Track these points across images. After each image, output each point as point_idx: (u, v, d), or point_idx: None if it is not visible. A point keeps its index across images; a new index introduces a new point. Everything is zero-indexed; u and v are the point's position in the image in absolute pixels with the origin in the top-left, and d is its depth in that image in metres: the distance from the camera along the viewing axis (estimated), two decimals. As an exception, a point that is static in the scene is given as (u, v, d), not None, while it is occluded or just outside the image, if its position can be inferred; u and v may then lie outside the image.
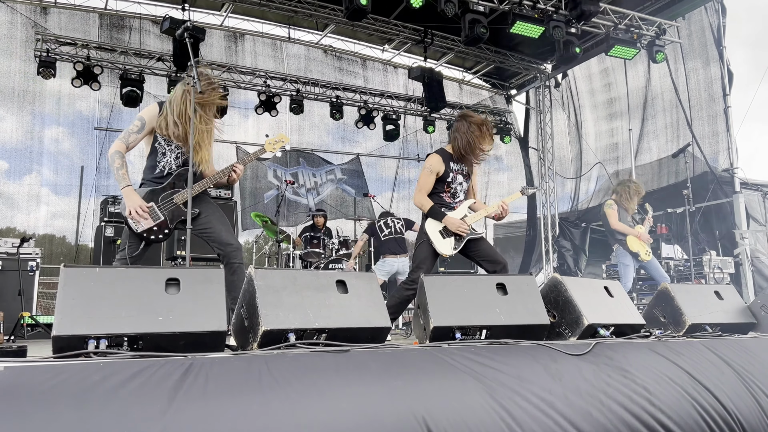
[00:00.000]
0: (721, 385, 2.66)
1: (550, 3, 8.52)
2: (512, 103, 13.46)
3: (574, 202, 12.44)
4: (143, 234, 3.70)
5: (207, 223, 3.88)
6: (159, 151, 3.82)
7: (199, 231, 3.86)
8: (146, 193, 3.76)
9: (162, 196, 3.79)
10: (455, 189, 4.40)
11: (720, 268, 8.32)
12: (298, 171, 11.34)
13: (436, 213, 4.26)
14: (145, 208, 3.67)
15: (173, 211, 3.78)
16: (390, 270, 7.41)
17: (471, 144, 4.27)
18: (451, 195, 4.39)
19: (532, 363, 2.36)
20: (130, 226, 3.69)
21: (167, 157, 3.83)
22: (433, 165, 4.32)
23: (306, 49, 11.55)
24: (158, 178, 3.83)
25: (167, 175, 3.84)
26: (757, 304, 4.26)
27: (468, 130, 4.28)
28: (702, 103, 9.81)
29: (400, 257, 7.43)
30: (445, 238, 4.26)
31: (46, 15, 9.46)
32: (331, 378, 2.00)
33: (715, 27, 9.52)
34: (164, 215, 3.76)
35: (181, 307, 2.34)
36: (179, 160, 3.87)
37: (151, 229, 3.72)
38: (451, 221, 4.23)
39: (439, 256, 4.31)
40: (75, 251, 9.36)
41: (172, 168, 3.85)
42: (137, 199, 3.67)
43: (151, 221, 3.71)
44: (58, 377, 1.77)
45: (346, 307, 2.66)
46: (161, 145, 3.81)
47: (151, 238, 3.73)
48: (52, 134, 9.65)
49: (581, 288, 3.37)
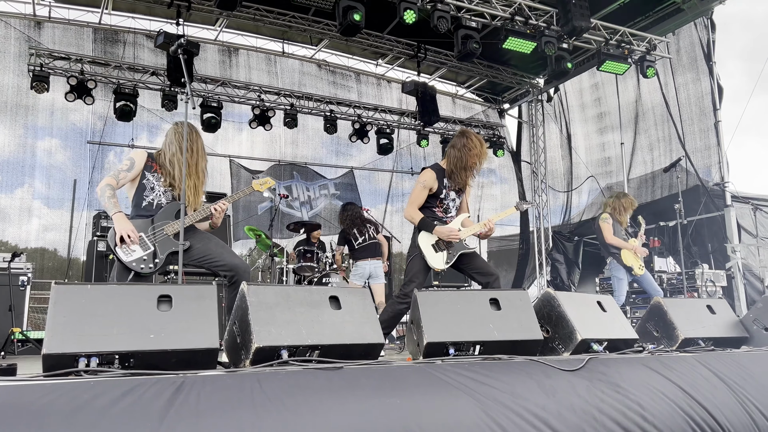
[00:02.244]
0: (714, 400, 2.66)
1: (542, 19, 8.60)
2: (505, 117, 13.55)
3: (566, 216, 12.49)
4: (132, 263, 3.63)
5: (205, 251, 3.84)
6: (147, 186, 3.81)
7: (197, 260, 3.81)
8: (136, 223, 3.71)
9: (152, 227, 3.75)
10: (447, 205, 4.42)
11: (712, 282, 8.35)
12: (292, 184, 11.34)
13: (426, 224, 4.27)
14: (136, 234, 3.63)
15: (163, 242, 3.74)
16: (364, 273, 7.49)
17: (465, 160, 4.29)
18: (443, 210, 4.41)
19: (526, 379, 2.36)
20: (118, 257, 3.62)
21: (155, 191, 3.83)
22: (427, 181, 4.33)
23: (300, 64, 11.59)
24: (147, 210, 3.80)
25: (156, 208, 3.82)
26: (750, 318, 4.28)
27: (464, 146, 4.29)
28: (693, 117, 9.90)
29: (373, 260, 7.51)
30: (437, 252, 4.27)
31: (40, 29, 9.47)
32: (324, 396, 1.99)
33: (704, 42, 9.63)
34: (154, 246, 3.72)
35: (173, 324, 2.33)
36: (168, 194, 3.86)
37: (141, 259, 3.66)
38: (441, 230, 4.24)
39: (431, 269, 4.32)
40: (67, 265, 9.30)
41: (161, 201, 3.83)
42: (128, 224, 3.63)
43: (141, 251, 3.67)
44: (47, 396, 1.75)
45: (339, 323, 2.66)
46: (149, 181, 3.81)
47: (141, 268, 3.65)
48: (45, 146, 9.62)
49: (574, 303, 3.38)
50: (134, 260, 3.64)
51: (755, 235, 9.09)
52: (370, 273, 7.52)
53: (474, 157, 4.29)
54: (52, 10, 9.53)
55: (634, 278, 6.47)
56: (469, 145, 4.28)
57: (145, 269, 3.67)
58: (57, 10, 9.56)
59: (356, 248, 7.60)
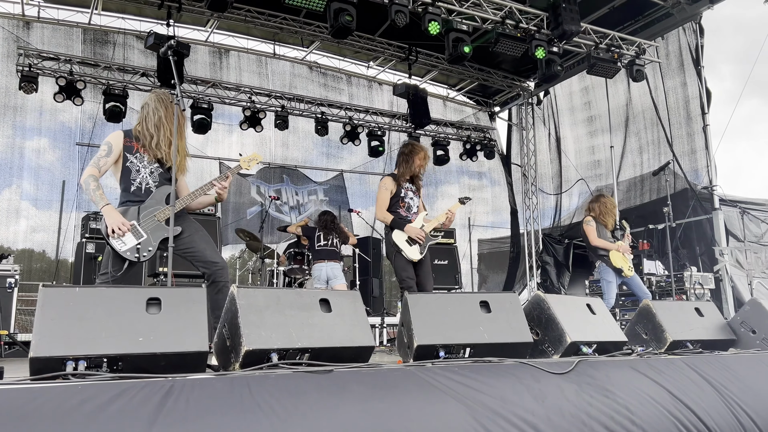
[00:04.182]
0: (701, 403, 2.68)
1: (532, 23, 8.64)
2: (495, 120, 13.59)
3: (556, 218, 12.55)
4: (126, 253, 3.62)
5: (190, 242, 3.82)
6: (132, 169, 3.77)
7: (182, 251, 3.81)
8: (126, 211, 3.69)
9: (143, 214, 3.72)
10: (408, 203, 5.08)
11: (701, 284, 8.41)
12: (281, 188, 11.32)
13: (398, 223, 4.91)
14: (128, 224, 3.61)
15: (155, 228, 3.72)
16: (321, 276, 7.54)
17: (412, 164, 5.07)
18: (406, 209, 5.05)
19: (515, 383, 2.37)
20: (113, 247, 3.60)
21: (141, 173, 3.79)
22: (386, 183, 5.05)
23: (291, 66, 11.58)
24: (136, 195, 3.77)
25: (146, 192, 3.78)
26: (737, 321, 4.31)
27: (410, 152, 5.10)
28: (681, 121, 9.98)
29: (330, 262, 7.58)
30: (411, 246, 4.89)
31: (29, 29, 9.40)
32: (313, 401, 1.99)
33: (693, 47, 9.72)
34: (146, 233, 3.70)
35: (162, 327, 2.31)
36: (154, 174, 3.83)
37: (135, 248, 3.64)
38: (411, 229, 4.89)
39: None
40: (55, 266, 9.22)
41: (149, 183, 3.79)
42: (118, 216, 3.61)
43: (134, 239, 3.65)
44: (35, 401, 1.73)
45: (329, 326, 2.65)
46: (134, 164, 3.77)
47: (135, 256, 3.64)
48: (34, 146, 9.53)
49: (564, 305, 3.39)
50: (128, 249, 3.62)
51: (742, 239, 9.17)
52: (327, 275, 7.55)
53: (419, 160, 5.07)
54: (41, 10, 9.46)
55: (624, 280, 6.49)
56: (414, 151, 5.08)
57: (139, 257, 3.66)
58: (46, 10, 9.50)
59: (316, 249, 7.67)
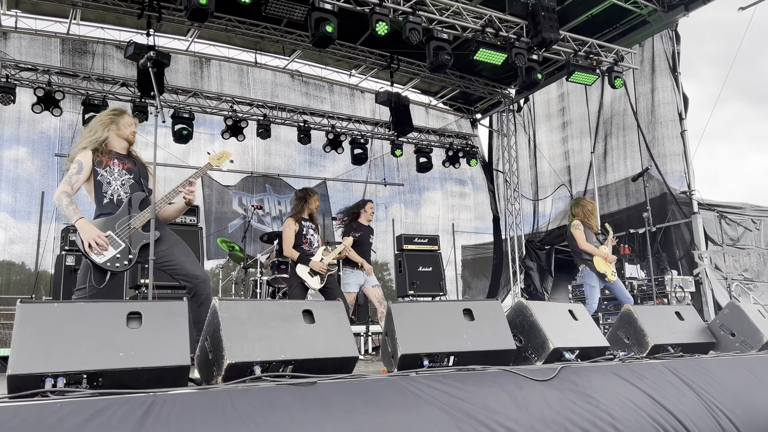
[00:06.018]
0: (681, 407, 2.71)
1: (512, 31, 8.73)
2: (477, 127, 13.68)
3: (534, 225, 12.64)
4: (107, 264, 3.58)
5: (170, 255, 3.80)
6: (103, 182, 3.74)
7: (161, 264, 3.77)
8: (101, 223, 3.65)
9: (118, 223, 3.68)
10: (310, 239, 5.91)
11: (681, 287, 8.51)
12: (264, 198, 11.26)
13: (303, 259, 5.75)
14: (104, 237, 3.57)
15: (132, 235, 3.69)
16: (358, 279, 7.51)
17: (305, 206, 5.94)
18: (308, 244, 5.87)
19: (498, 391, 2.38)
20: (91, 259, 3.55)
21: (113, 185, 3.76)
22: (290, 224, 5.89)
23: (273, 74, 11.56)
24: (109, 208, 3.74)
25: (118, 203, 3.75)
26: (717, 324, 4.38)
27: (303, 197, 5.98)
28: (659, 126, 10.13)
29: None
30: (313, 277, 5.73)
31: (6, 40, 9.29)
32: (296, 414, 1.98)
33: (669, 54, 9.88)
34: (124, 242, 3.66)
35: (143, 341, 2.29)
36: (125, 186, 3.81)
37: (114, 258, 3.61)
38: (314, 264, 5.73)
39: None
40: (35, 279, 9.08)
41: (120, 195, 3.77)
42: (92, 229, 3.56)
43: (113, 250, 3.61)
44: (13, 420, 1.71)
45: (312, 337, 2.64)
46: (104, 176, 3.75)
47: (116, 266, 3.60)
48: (12, 156, 9.40)
49: (546, 312, 3.42)
50: (108, 260, 3.57)
51: (720, 242, 9.31)
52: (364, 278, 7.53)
53: (314, 203, 5.98)
54: (19, 20, 9.36)
55: (606, 285, 6.54)
56: (309, 195, 5.99)
57: (120, 267, 3.62)
58: (24, 21, 9.40)
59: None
